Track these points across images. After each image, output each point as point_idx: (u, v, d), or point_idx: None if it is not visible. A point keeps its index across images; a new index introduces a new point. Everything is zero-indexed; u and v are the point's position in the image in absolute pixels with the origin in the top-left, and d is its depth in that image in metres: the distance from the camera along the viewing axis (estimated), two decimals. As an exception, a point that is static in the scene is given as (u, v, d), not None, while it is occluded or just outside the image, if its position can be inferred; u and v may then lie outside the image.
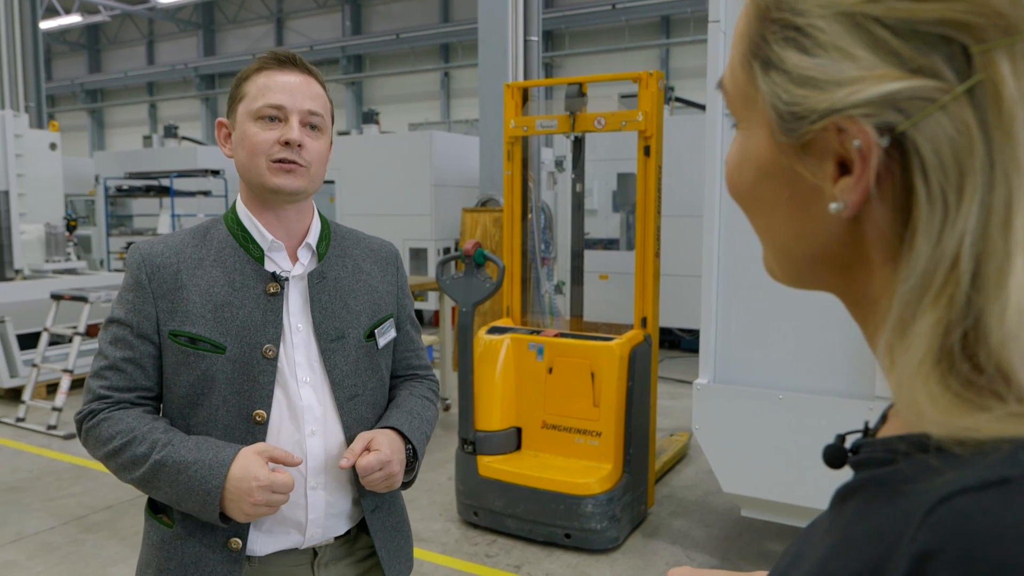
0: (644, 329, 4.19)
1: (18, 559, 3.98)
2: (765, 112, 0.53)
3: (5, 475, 5.20)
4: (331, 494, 1.57)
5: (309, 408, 1.54)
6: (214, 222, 1.60)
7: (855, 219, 0.51)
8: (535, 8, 7.96)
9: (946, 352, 0.45)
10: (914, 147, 0.46)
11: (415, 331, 1.80)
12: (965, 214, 0.44)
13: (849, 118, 0.47)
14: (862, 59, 0.47)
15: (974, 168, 0.44)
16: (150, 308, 1.49)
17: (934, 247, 0.45)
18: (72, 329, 6.61)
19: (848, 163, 0.49)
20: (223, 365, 1.48)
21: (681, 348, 9.02)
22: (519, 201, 4.60)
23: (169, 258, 1.51)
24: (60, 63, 29.65)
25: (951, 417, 0.44)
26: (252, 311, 1.51)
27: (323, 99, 1.56)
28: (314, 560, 1.60)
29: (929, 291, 0.46)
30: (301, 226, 1.59)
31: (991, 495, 0.42)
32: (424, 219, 9.45)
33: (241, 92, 1.54)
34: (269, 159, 1.48)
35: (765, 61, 0.53)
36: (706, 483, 4.86)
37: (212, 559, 1.50)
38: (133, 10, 23.67)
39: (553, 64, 20.44)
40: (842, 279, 0.56)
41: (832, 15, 0.48)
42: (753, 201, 0.58)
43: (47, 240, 9.01)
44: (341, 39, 23.03)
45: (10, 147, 8.61)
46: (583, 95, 4.33)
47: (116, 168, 12.52)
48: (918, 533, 0.43)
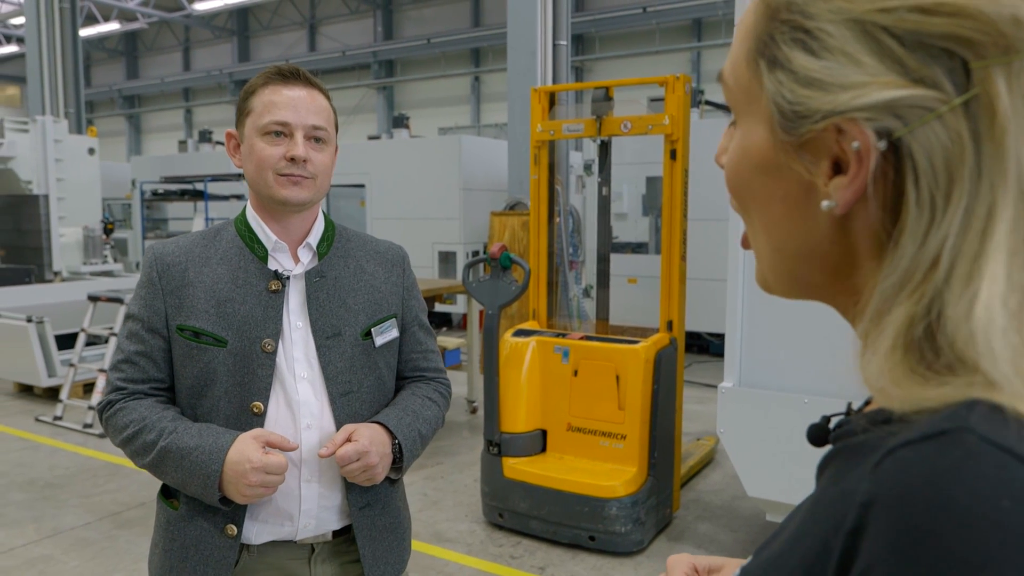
0: (670, 332, 4.19)
1: (54, 553, 4.08)
2: (767, 109, 0.55)
3: (43, 472, 5.32)
4: (324, 487, 1.62)
5: (306, 403, 1.60)
6: (225, 224, 1.68)
7: (844, 218, 0.53)
8: (564, 12, 7.99)
9: (912, 340, 0.48)
10: (909, 152, 0.48)
11: (424, 334, 1.81)
12: (950, 219, 0.47)
13: (851, 120, 0.50)
14: (868, 65, 0.49)
15: (963, 177, 0.47)
16: (159, 304, 1.58)
17: (919, 247, 0.48)
18: (108, 330, 6.75)
19: (843, 163, 0.52)
20: (224, 358, 1.56)
21: (710, 352, 8.98)
22: (546, 205, 4.63)
23: (178, 257, 1.60)
24: (99, 69, 30.22)
25: (911, 392, 0.48)
26: (253, 307, 1.58)
27: (327, 112, 1.63)
28: (311, 556, 1.65)
29: (907, 287, 0.49)
30: (303, 228, 1.66)
31: (928, 445, 0.45)
32: (453, 222, 9.51)
33: (248, 106, 1.60)
34: (276, 172, 1.56)
35: (771, 60, 0.55)
36: (733, 487, 4.84)
37: (210, 543, 1.57)
38: (170, 17, 24.08)
39: (583, 68, 20.44)
40: (829, 278, 0.58)
41: (842, 21, 0.50)
42: (749, 196, 0.60)
43: (85, 243, 9.21)
44: (373, 44, 23.22)
45: (50, 152, 8.83)
46: (610, 99, 4.34)
47: (152, 172, 12.75)
48: (865, 484, 0.46)
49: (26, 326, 6.93)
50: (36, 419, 6.57)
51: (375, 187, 10.11)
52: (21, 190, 8.85)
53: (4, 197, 9.07)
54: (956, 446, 0.44)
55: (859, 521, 0.46)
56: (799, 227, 0.57)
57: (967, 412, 0.45)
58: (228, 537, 1.57)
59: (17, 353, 7.10)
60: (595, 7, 19.68)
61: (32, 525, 4.43)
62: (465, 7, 21.97)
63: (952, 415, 0.46)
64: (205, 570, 1.57)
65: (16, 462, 5.52)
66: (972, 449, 0.44)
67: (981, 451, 0.43)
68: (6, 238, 9.12)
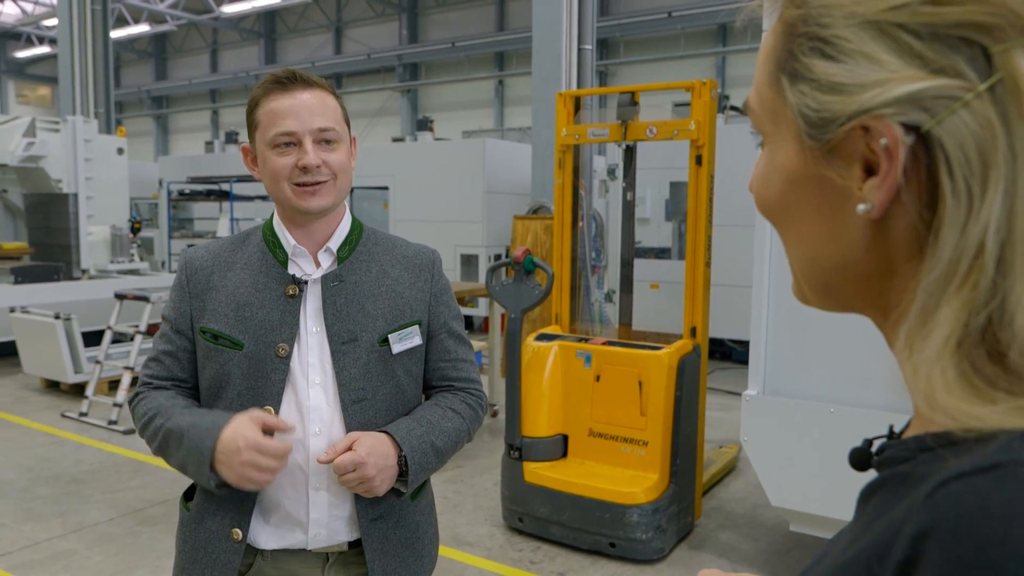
0: (693, 339, 4.16)
1: (78, 548, 4.12)
2: (793, 123, 0.56)
3: (68, 467, 5.38)
4: (334, 496, 1.59)
5: (316, 408, 1.58)
6: (254, 229, 1.70)
7: (879, 222, 0.53)
8: (589, 17, 7.98)
9: (966, 338, 0.47)
10: (939, 143, 0.48)
11: (455, 342, 1.75)
12: (989, 204, 0.46)
13: (876, 117, 0.50)
14: (888, 63, 0.49)
15: (997, 161, 0.46)
16: (186, 307, 1.62)
17: (960, 236, 0.48)
18: (134, 327, 6.82)
19: (874, 165, 0.52)
20: (239, 361, 1.57)
21: (733, 359, 8.92)
22: (570, 209, 4.62)
23: (206, 261, 1.64)
24: (128, 71, 30.60)
25: (961, 405, 0.47)
26: (271, 311, 1.58)
27: (333, 110, 1.59)
28: (325, 565, 1.63)
29: (954, 279, 0.48)
30: (326, 232, 1.65)
31: (983, 479, 0.44)
32: (476, 226, 9.52)
33: (255, 120, 1.59)
34: (291, 183, 1.55)
35: (792, 74, 0.55)
36: (755, 496, 4.80)
37: (216, 547, 1.59)
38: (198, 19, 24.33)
39: (608, 72, 20.41)
40: (863, 289, 0.58)
41: (857, 24, 0.51)
42: (783, 212, 0.60)
43: (112, 241, 9.31)
44: (398, 47, 23.33)
45: (80, 151, 8.94)
46: (635, 104, 4.33)
47: (179, 172, 12.88)
48: (917, 515, 0.46)
49: (53, 323, 7.02)
50: (62, 415, 6.65)
51: (399, 189, 10.15)
52: (51, 189, 8.96)
53: (34, 195, 9.19)
54: (1012, 480, 0.44)
55: (911, 553, 0.45)
56: (833, 236, 0.57)
57: (1021, 444, 0.45)
58: (233, 541, 1.58)
59: (44, 349, 7.19)
60: (620, 11, 19.64)
61: (57, 520, 4.48)
62: (490, 11, 22.02)
63: (1006, 447, 0.45)
64: (212, 572, 1.58)
65: (42, 457, 5.58)
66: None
67: None
68: (36, 236, 9.25)
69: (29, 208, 9.33)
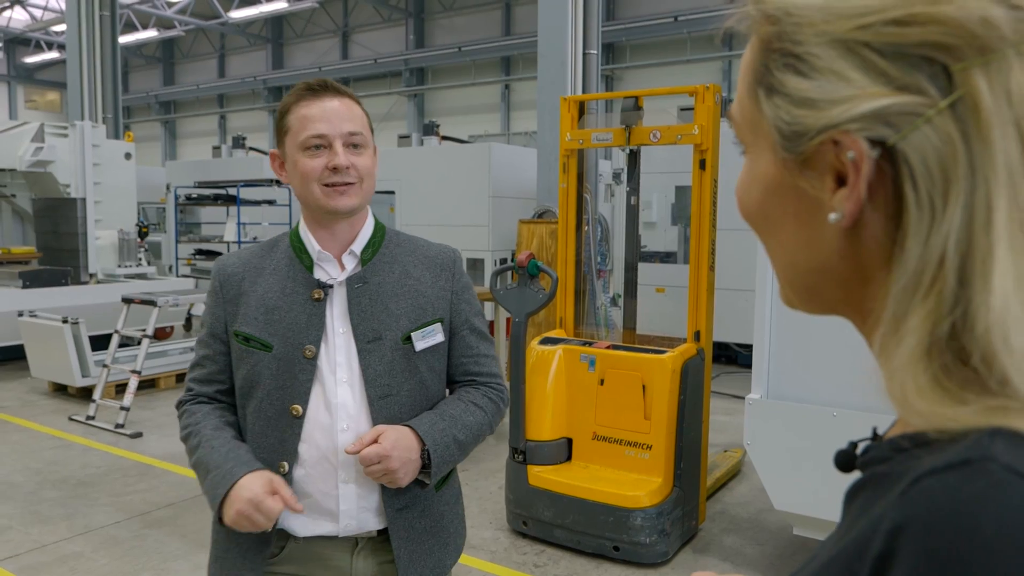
0: (697, 343, 4.17)
1: (84, 551, 4.15)
2: (769, 134, 0.58)
3: (75, 470, 5.41)
4: (361, 487, 1.66)
5: (344, 405, 1.65)
6: (282, 236, 1.78)
7: (853, 231, 0.55)
8: (595, 21, 7.99)
9: (935, 345, 0.49)
10: (904, 158, 0.50)
11: (477, 338, 1.80)
12: (950, 216, 0.48)
13: (844, 132, 0.52)
14: (855, 80, 0.51)
15: (958, 175, 0.48)
16: (220, 312, 1.71)
17: (923, 247, 0.50)
18: (141, 332, 6.85)
19: (845, 176, 0.54)
20: (269, 362, 1.65)
21: (738, 363, 8.91)
22: (574, 213, 4.63)
23: (237, 268, 1.72)
24: (136, 76, 30.75)
25: (934, 407, 0.49)
26: (298, 315, 1.66)
27: (360, 117, 1.69)
28: (354, 550, 1.70)
29: (920, 288, 0.50)
30: (350, 235, 1.72)
31: (953, 475, 0.46)
32: (481, 230, 9.53)
33: (285, 125, 1.67)
34: (321, 183, 1.63)
35: (768, 87, 0.58)
36: (760, 500, 4.79)
37: (249, 536, 1.65)
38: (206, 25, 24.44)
39: (614, 76, 20.42)
40: (843, 292, 0.60)
41: (827, 42, 0.53)
42: (763, 219, 0.63)
43: (120, 246, 9.36)
44: (404, 52, 23.40)
45: (88, 156, 8.99)
46: (639, 108, 4.34)
47: (186, 177, 12.93)
48: (892, 512, 0.47)
49: (61, 327, 7.07)
50: (69, 418, 6.68)
51: (404, 193, 10.17)
52: (59, 193, 9.02)
53: (43, 200, 9.25)
54: (980, 475, 0.45)
55: (887, 548, 0.47)
56: (810, 243, 0.59)
57: (990, 441, 0.46)
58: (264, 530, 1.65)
59: (52, 353, 7.24)
60: (626, 16, 19.67)
61: (64, 523, 4.51)
62: (496, 16, 22.07)
63: (976, 444, 0.47)
64: (244, 558, 1.67)
65: (49, 460, 5.62)
66: (996, 478, 0.45)
67: (1005, 480, 0.45)
68: (44, 240, 9.29)
69: (37, 213, 9.39)
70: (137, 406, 6.73)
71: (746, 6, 0.60)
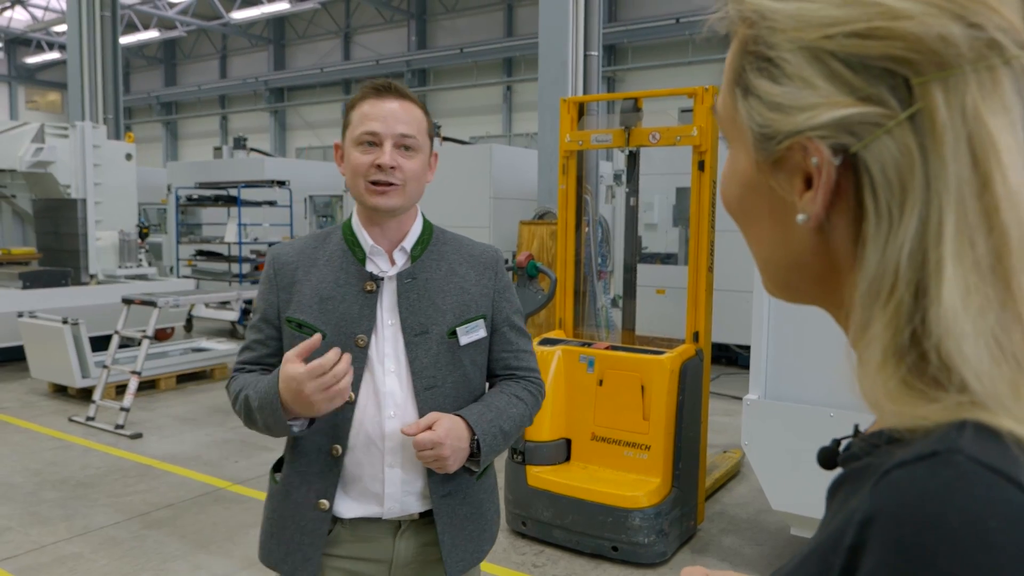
0: (696, 344, 4.17)
1: (84, 551, 4.15)
2: (746, 133, 0.60)
3: (75, 471, 5.42)
4: (407, 472, 1.74)
5: (391, 394, 1.73)
6: (334, 228, 1.85)
7: (824, 231, 0.57)
8: (596, 23, 8.00)
9: (899, 350, 0.50)
10: (864, 166, 0.51)
11: (515, 334, 1.89)
12: (906, 226, 0.49)
13: (809, 138, 0.53)
14: (821, 88, 0.53)
15: (914, 186, 0.49)
16: (274, 298, 1.78)
17: (881, 255, 0.51)
18: (141, 333, 6.86)
19: (812, 179, 0.55)
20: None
21: (738, 364, 8.90)
22: (573, 214, 4.63)
23: (292, 257, 1.79)
24: (138, 76, 30.80)
25: (904, 408, 0.50)
26: (351, 305, 1.74)
27: (418, 121, 1.74)
28: (397, 531, 1.78)
29: (880, 295, 0.51)
30: (400, 232, 1.79)
31: (920, 466, 0.47)
32: (483, 231, 9.53)
33: (348, 119, 1.76)
34: (367, 180, 1.70)
35: (744, 88, 0.59)
36: (758, 501, 4.79)
37: (304, 515, 1.75)
38: (208, 25, 24.49)
39: (616, 78, 20.43)
40: (819, 288, 0.61)
41: (797, 49, 0.54)
42: (742, 213, 0.64)
43: (120, 247, 9.37)
44: (406, 53, 23.43)
45: (89, 157, 9.00)
46: (638, 110, 4.34)
47: (187, 178, 12.94)
48: (863, 503, 0.49)
49: (61, 327, 7.07)
50: (69, 419, 6.69)
51: (405, 195, 10.16)
52: (60, 194, 9.03)
53: (43, 201, 9.26)
54: (947, 467, 0.46)
55: (858, 538, 0.48)
56: (784, 240, 0.60)
57: (957, 433, 0.47)
58: (320, 510, 1.74)
59: (52, 354, 7.24)
60: (628, 17, 19.69)
61: (63, 523, 4.51)
62: (498, 17, 22.09)
63: (943, 436, 0.48)
64: (301, 538, 1.75)
65: (49, 461, 5.62)
66: (962, 470, 0.46)
67: (970, 472, 0.45)
68: (44, 241, 9.30)
69: (38, 213, 9.40)
70: (137, 407, 6.74)
71: (727, 7, 0.61)
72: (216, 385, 8.05)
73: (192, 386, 7.96)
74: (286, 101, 26.98)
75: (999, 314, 0.47)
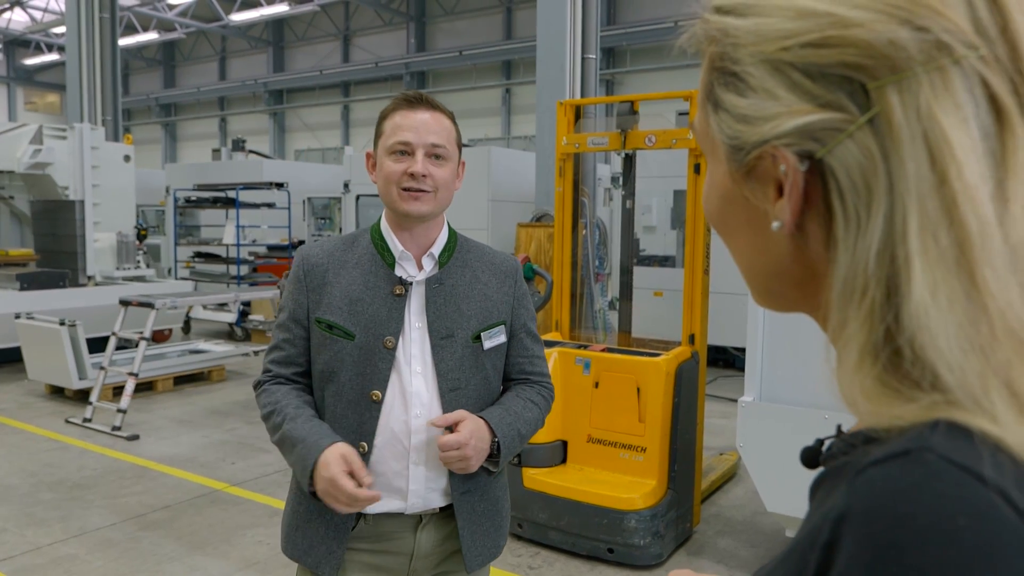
0: (692, 346, 4.18)
1: (79, 553, 4.15)
2: (719, 146, 0.62)
3: (71, 473, 5.42)
4: (430, 470, 1.82)
5: (417, 394, 1.80)
6: (363, 232, 1.92)
7: (800, 236, 0.58)
8: (593, 27, 8.01)
9: (874, 348, 0.51)
10: (830, 171, 0.53)
11: (531, 340, 1.97)
12: (873, 226, 0.51)
13: (775, 147, 0.55)
14: (783, 98, 0.55)
15: (879, 187, 0.51)
16: (303, 299, 1.83)
17: (851, 256, 0.52)
18: (139, 334, 6.86)
19: (783, 187, 0.57)
20: (351, 350, 1.79)
21: (736, 367, 8.91)
22: (570, 217, 4.64)
23: (321, 259, 1.85)
24: (137, 78, 30.81)
25: (881, 407, 0.51)
26: (380, 308, 1.80)
27: (448, 131, 1.83)
28: (418, 525, 1.85)
29: (853, 295, 0.52)
30: (428, 239, 1.87)
31: (893, 465, 0.48)
32: (481, 233, 9.53)
33: (381, 129, 1.83)
34: (399, 187, 1.78)
35: (715, 103, 0.61)
36: (755, 503, 4.80)
37: (331, 511, 1.77)
38: (207, 27, 24.51)
39: (615, 80, 20.46)
40: (801, 292, 0.62)
41: (759, 62, 0.56)
42: (722, 225, 0.66)
43: (118, 248, 9.37)
44: (405, 56, 23.46)
45: (87, 159, 9.00)
46: (635, 113, 4.35)
47: (186, 180, 12.94)
48: (838, 501, 0.50)
49: (59, 329, 7.07)
50: (66, 420, 6.69)
51: (403, 197, 10.17)
52: (58, 195, 9.03)
53: (41, 202, 9.26)
54: (918, 465, 0.47)
55: (832, 535, 0.49)
56: (764, 248, 0.62)
57: (930, 432, 0.48)
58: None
59: (49, 355, 7.24)
60: (627, 20, 19.71)
61: (59, 524, 4.51)
62: (497, 19, 22.12)
63: (917, 435, 0.49)
64: (326, 532, 1.82)
65: (46, 462, 5.62)
66: (932, 468, 0.46)
67: (941, 470, 0.46)
68: (42, 242, 9.30)
69: (35, 215, 9.40)
70: (134, 409, 6.73)
71: (695, 27, 0.64)
72: (214, 387, 8.05)
73: (189, 388, 7.96)
74: (285, 103, 27.00)
75: (965, 306, 0.49)
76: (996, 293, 0.48)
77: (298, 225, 12.10)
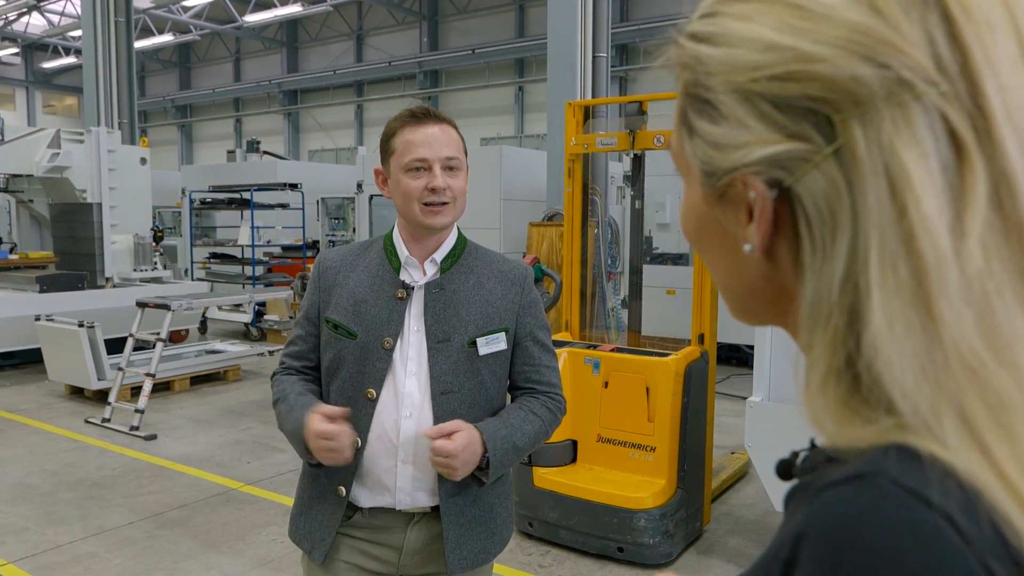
0: (701, 345, 4.19)
1: (99, 551, 4.23)
2: (694, 170, 0.64)
3: (91, 472, 5.50)
4: (418, 469, 1.86)
5: (410, 395, 1.86)
6: (378, 238, 2.01)
7: (771, 259, 0.60)
8: (604, 25, 8.02)
9: (837, 371, 0.53)
10: (798, 199, 0.55)
11: (539, 349, 1.98)
12: (838, 254, 0.53)
13: (745, 175, 0.57)
14: (753, 127, 0.56)
15: (843, 217, 0.53)
16: (316, 298, 1.95)
17: (817, 282, 0.54)
18: (155, 335, 6.94)
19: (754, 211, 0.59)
20: (352, 349, 1.88)
21: (749, 365, 8.87)
22: (580, 217, 4.66)
23: (335, 262, 1.96)
24: (153, 80, 31.03)
25: (842, 428, 0.53)
26: (381, 310, 1.88)
27: (457, 142, 1.90)
28: (410, 522, 1.92)
29: (819, 319, 0.54)
30: (435, 245, 1.93)
31: (847, 487, 0.50)
32: (492, 232, 9.57)
33: (390, 147, 1.89)
34: (420, 202, 1.84)
35: (689, 128, 0.63)
36: (765, 502, 4.80)
37: (326, 500, 1.92)
38: (222, 29, 24.66)
39: (628, 78, 20.41)
40: (774, 311, 0.64)
41: (731, 91, 0.58)
42: (698, 244, 0.68)
43: (135, 250, 9.47)
44: (418, 55, 23.49)
45: (104, 161, 9.11)
46: (643, 113, 4.37)
47: (201, 181, 13.05)
48: (799, 520, 0.52)
49: (78, 330, 7.16)
50: (85, 421, 6.79)
51: (416, 197, 10.20)
52: (76, 198, 9.14)
53: (59, 205, 9.38)
54: (869, 489, 0.49)
55: (792, 553, 0.51)
56: (737, 269, 0.64)
57: (883, 456, 0.50)
58: (338, 496, 1.90)
59: (69, 356, 7.34)
60: (640, 17, 19.66)
61: (79, 523, 4.59)
62: (510, 18, 22.11)
63: (871, 459, 0.51)
64: (321, 518, 1.92)
65: (66, 462, 5.71)
66: (883, 492, 0.48)
67: (890, 494, 0.48)
68: (61, 245, 9.42)
69: (54, 218, 9.52)
70: (151, 409, 6.82)
71: (670, 52, 0.65)
72: (230, 387, 8.13)
73: (206, 388, 8.05)
74: (299, 103, 27.12)
75: (921, 336, 0.50)
76: (951, 323, 0.49)
77: (312, 225, 12.18)
